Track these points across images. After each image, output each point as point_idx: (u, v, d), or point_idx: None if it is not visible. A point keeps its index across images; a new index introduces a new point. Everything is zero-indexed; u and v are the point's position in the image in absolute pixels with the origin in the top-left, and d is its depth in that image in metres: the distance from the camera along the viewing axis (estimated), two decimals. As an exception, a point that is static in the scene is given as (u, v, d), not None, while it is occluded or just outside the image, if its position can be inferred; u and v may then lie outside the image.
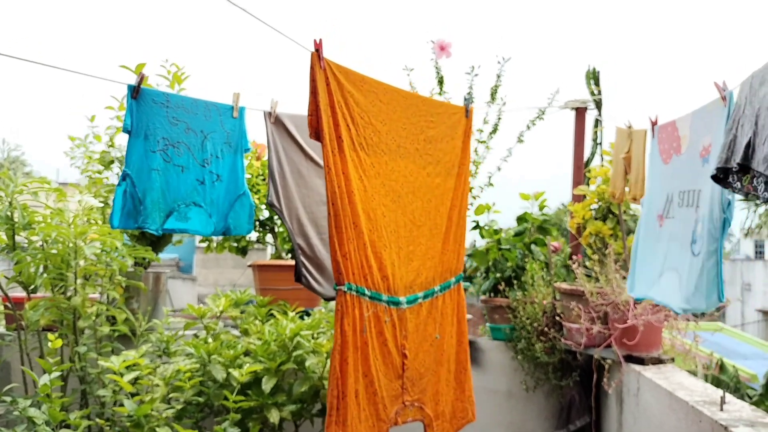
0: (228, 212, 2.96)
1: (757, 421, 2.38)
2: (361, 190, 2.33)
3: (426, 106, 2.71)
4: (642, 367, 3.38)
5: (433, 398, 2.65)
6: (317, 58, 2.20)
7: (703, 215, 2.44)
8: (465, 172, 2.86)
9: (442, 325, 2.74)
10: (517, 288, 4.22)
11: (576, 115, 4.41)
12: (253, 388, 2.97)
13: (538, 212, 4.47)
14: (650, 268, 2.91)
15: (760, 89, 1.92)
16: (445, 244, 2.76)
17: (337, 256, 2.23)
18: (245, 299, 3.81)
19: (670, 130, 2.81)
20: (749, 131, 1.91)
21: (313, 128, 2.22)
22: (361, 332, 2.28)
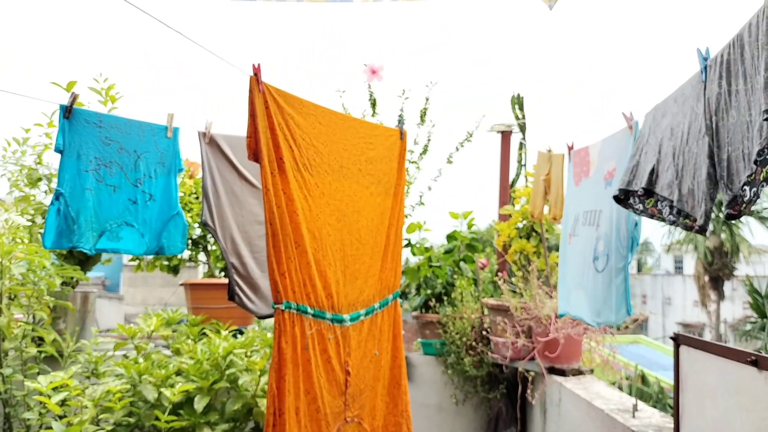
0: (161, 232, 2.97)
1: (664, 427, 2.56)
2: (306, 210, 2.37)
3: (364, 128, 2.80)
4: (563, 378, 3.55)
5: (370, 413, 2.72)
6: (256, 82, 2.25)
7: (605, 234, 2.64)
8: (401, 192, 2.97)
9: (380, 341, 2.81)
10: (447, 304, 4.37)
11: (502, 138, 4.62)
12: (185, 407, 2.96)
13: (466, 230, 4.64)
14: (565, 285, 3.11)
15: (662, 121, 2.11)
16: (384, 261, 2.85)
17: (275, 275, 2.26)
18: (177, 318, 3.78)
19: (583, 155, 3.02)
20: (653, 159, 2.10)
21: (251, 150, 2.25)
22: (303, 349, 2.31)
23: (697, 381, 1.78)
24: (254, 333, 3.50)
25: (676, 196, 1.90)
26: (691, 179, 1.81)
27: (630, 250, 2.51)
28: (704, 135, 1.73)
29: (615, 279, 2.54)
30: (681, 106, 1.98)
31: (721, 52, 1.72)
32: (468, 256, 4.55)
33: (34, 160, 3.60)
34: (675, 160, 1.94)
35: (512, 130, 4.63)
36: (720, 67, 1.71)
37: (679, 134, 1.94)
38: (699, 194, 1.74)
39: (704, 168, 1.71)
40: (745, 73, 1.57)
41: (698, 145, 1.78)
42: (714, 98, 1.72)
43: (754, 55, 1.52)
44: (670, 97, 2.11)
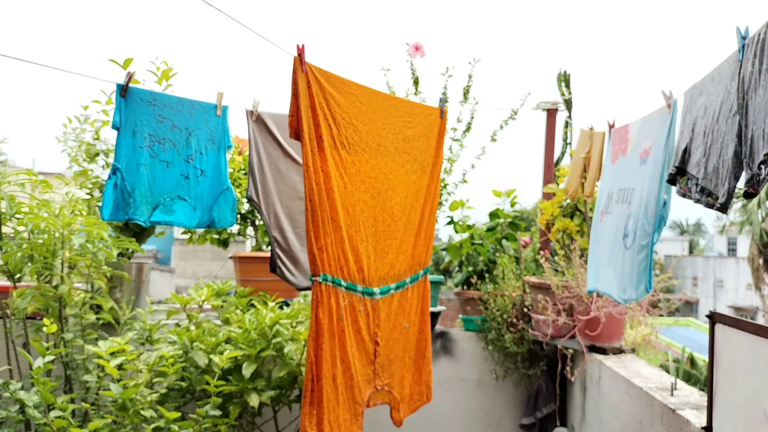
0: (212, 206, 3.08)
1: (701, 404, 2.57)
2: (341, 187, 2.45)
3: (403, 107, 2.85)
4: (604, 356, 3.57)
5: (399, 383, 2.81)
6: (299, 63, 2.32)
7: (636, 211, 2.63)
8: (437, 170, 3.01)
9: (409, 314, 2.90)
10: (488, 281, 4.40)
11: (547, 116, 4.59)
12: (234, 373, 3.10)
13: (509, 208, 4.65)
14: (596, 262, 3.11)
15: (698, 99, 2.11)
16: (417, 238, 2.91)
17: (314, 248, 2.35)
18: (226, 290, 3.93)
19: (622, 133, 3.01)
20: (687, 137, 2.10)
21: (293, 128, 2.33)
22: (338, 320, 2.41)
23: (731, 358, 1.79)
24: (299, 305, 3.62)
25: (702, 174, 1.91)
26: (717, 157, 1.81)
27: (657, 229, 2.50)
28: (735, 114, 1.73)
29: (638, 255, 2.54)
30: (716, 85, 1.97)
31: (759, 31, 1.71)
32: (510, 234, 4.57)
33: (92, 136, 3.78)
34: (705, 138, 1.94)
35: (558, 108, 4.60)
36: (756, 46, 1.70)
37: (712, 113, 1.93)
38: (723, 172, 1.74)
39: (731, 146, 1.71)
40: None
41: (728, 123, 1.78)
42: (747, 77, 1.71)
43: None
44: (708, 76, 2.10)
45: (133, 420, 2.71)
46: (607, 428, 3.34)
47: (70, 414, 2.62)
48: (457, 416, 4.38)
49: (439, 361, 4.41)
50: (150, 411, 2.71)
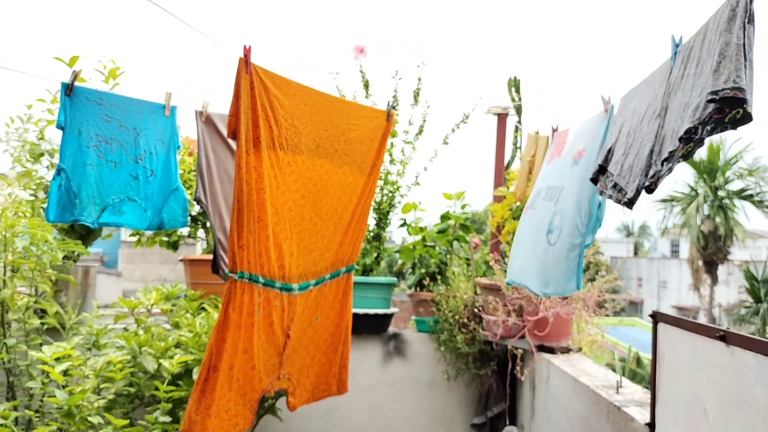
0: (162, 206, 3.04)
1: (645, 401, 2.65)
2: (274, 187, 2.49)
3: (349, 109, 2.88)
4: (552, 355, 3.65)
5: (299, 371, 2.87)
6: (244, 63, 2.34)
7: (563, 209, 2.71)
8: (376, 171, 3.04)
9: (323, 308, 2.94)
10: (440, 282, 4.45)
11: (498, 120, 4.67)
12: (184, 378, 3.06)
13: (460, 211, 4.71)
14: (516, 255, 3.18)
15: (631, 103, 2.21)
16: (345, 236, 2.94)
17: (234, 247, 2.42)
18: (176, 293, 3.87)
19: (562, 137, 3.10)
20: (614, 139, 2.21)
21: (231, 128, 2.37)
22: (249, 314, 2.48)
23: (673, 355, 1.86)
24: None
25: (617, 171, 2.00)
26: (634, 156, 1.90)
27: (591, 230, 2.57)
28: (657, 116, 1.82)
29: (569, 253, 2.61)
30: (647, 90, 2.06)
31: (690, 39, 1.80)
32: (461, 236, 4.63)
33: (36, 135, 3.67)
34: (628, 139, 2.04)
35: (508, 112, 4.69)
36: (684, 53, 1.79)
37: (638, 115, 2.03)
38: (636, 170, 1.83)
39: (648, 146, 1.80)
40: (700, 58, 1.65)
41: (650, 125, 1.86)
42: (673, 81, 1.80)
43: (712, 41, 1.59)
44: (643, 82, 2.20)
45: (79, 427, 2.64)
46: (556, 426, 3.42)
47: (12, 422, 2.55)
48: (409, 417, 4.41)
49: (392, 362, 4.44)
50: (97, 418, 2.64)
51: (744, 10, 1.49)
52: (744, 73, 1.42)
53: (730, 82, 1.42)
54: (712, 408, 1.61)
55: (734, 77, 1.42)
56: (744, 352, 1.42)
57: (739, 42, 1.47)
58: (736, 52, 1.46)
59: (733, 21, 1.52)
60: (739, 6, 1.51)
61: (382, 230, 4.70)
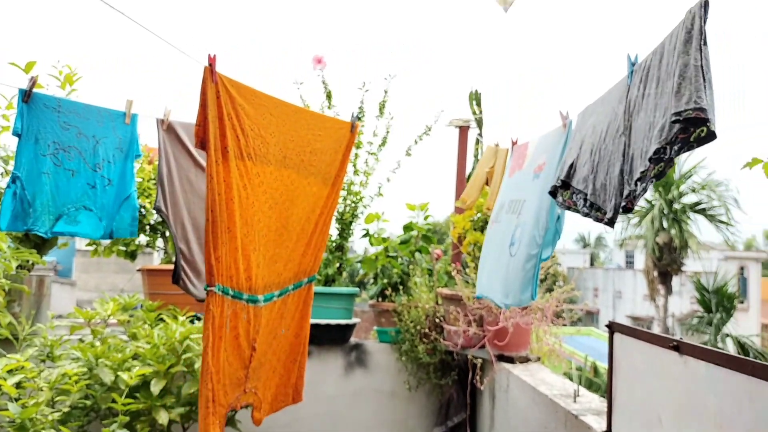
0: (115, 215, 2.99)
1: (601, 410, 2.71)
2: (243, 198, 2.47)
3: (314, 120, 2.88)
4: (512, 365, 3.70)
5: (265, 384, 2.85)
6: (210, 72, 2.32)
7: (524, 222, 2.78)
8: (339, 181, 3.06)
9: (286, 320, 2.93)
10: (402, 293, 4.47)
11: (459, 133, 4.73)
12: (142, 391, 3.00)
13: (423, 222, 4.74)
14: (484, 268, 3.24)
15: (588, 119, 2.27)
16: (307, 247, 2.94)
17: (212, 259, 2.37)
18: (133, 304, 3.80)
19: (522, 150, 3.17)
20: (574, 154, 2.26)
21: (199, 138, 2.34)
22: (220, 328, 2.44)
23: (628, 365, 1.91)
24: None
25: (590, 190, 2.05)
26: (605, 175, 1.95)
27: (551, 242, 2.63)
28: (621, 134, 1.87)
29: (526, 264, 2.67)
30: (605, 107, 2.13)
31: (646, 58, 1.86)
32: (423, 246, 4.66)
33: (-11, 141, 3.57)
34: (592, 156, 2.09)
35: (470, 125, 4.75)
36: (642, 72, 1.86)
37: (599, 132, 2.09)
38: (610, 189, 1.88)
39: (617, 165, 1.85)
40: (659, 78, 1.71)
41: (614, 143, 1.92)
42: (633, 100, 1.86)
43: (669, 62, 1.65)
44: (599, 99, 2.26)
45: (32, 441, 2.57)
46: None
47: (-40, 437, 2.46)
48: (370, 427, 4.41)
49: (353, 373, 4.43)
50: (51, 431, 2.58)
51: (699, 32, 1.56)
52: (704, 94, 1.48)
53: (692, 103, 1.47)
54: (667, 416, 1.66)
55: (695, 98, 1.48)
56: (696, 362, 1.47)
57: (696, 63, 1.53)
58: (695, 73, 1.52)
59: (689, 43, 1.58)
60: (694, 28, 1.58)
61: (345, 240, 4.70)
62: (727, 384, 1.33)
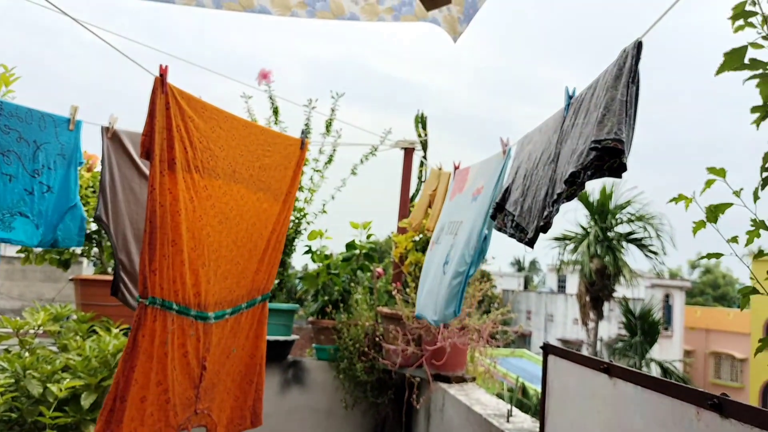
0: (58, 224, 2.92)
1: (534, 430, 2.80)
2: (190, 210, 2.44)
3: (264, 135, 2.88)
4: (448, 385, 3.76)
5: (219, 406, 2.79)
6: (160, 83, 2.31)
7: (459, 241, 2.88)
8: (291, 199, 3.06)
9: (239, 339, 2.89)
10: (343, 311, 4.49)
11: (405, 154, 4.81)
12: (71, 404, 2.91)
13: (366, 240, 4.78)
14: (422, 288, 3.33)
15: (526, 147, 2.39)
16: (260, 264, 2.92)
17: (146, 270, 2.32)
18: (65, 314, 3.68)
19: (464, 174, 3.28)
20: (510, 179, 2.38)
21: (145, 148, 2.31)
22: (162, 344, 2.37)
23: (561, 386, 1.99)
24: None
25: (518, 212, 2.16)
26: (532, 198, 2.06)
27: (476, 261, 2.73)
28: (551, 162, 1.98)
29: (452, 281, 2.76)
30: (542, 136, 2.25)
31: (582, 92, 1.98)
32: (365, 265, 4.70)
33: None
34: (525, 181, 2.21)
35: (415, 147, 4.84)
36: (577, 104, 1.97)
37: (534, 159, 2.21)
38: (534, 212, 1.99)
39: (544, 190, 1.96)
40: (588, 110, 1.83)
41: (545, 170, 2.03)
42: (565, 130, 1.98)
43: (599, 95, 1.77)
44: (537, 128, 2.39)
45: (-50, 456, 2.45)
46: (449, 454, 3.51)
47: None
48: (305, 446, 4.38)
49: (290, 390, 4.41)
50: (-28, 446, 2.47)
51: (629, 70, 1.66)
52: (624, 127, 1.58)
53: (612, 134, 1.58)
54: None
55: (616, 129, 1.58)
56: (625, 384, 1.56)
57: (623, 99, 1.64)
58: (620, 107, 1.62)
59: (619, 79, 1.69)
60: (626, 66, 1.69)
61: (288, 256, 4.70)
62: (653, 406, 1.42)
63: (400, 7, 2.76)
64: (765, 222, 1.51)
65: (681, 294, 31.42)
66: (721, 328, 31.02)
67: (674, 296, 31.32)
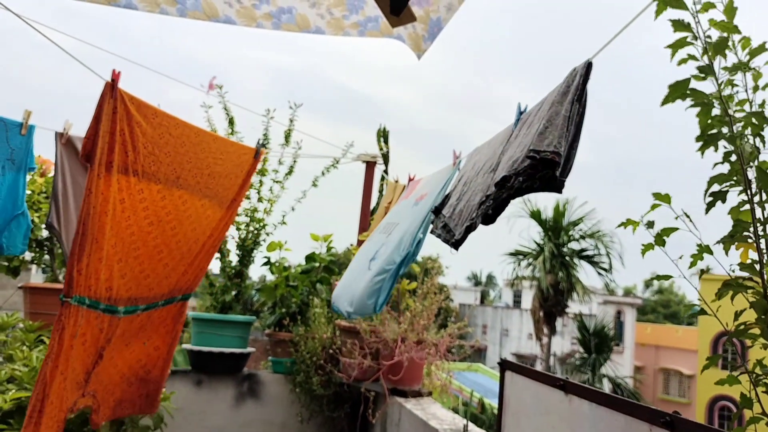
0: (2, 231, 2.83)
1: (489, 445, 2.82)
2: (119, 211, 2.44)
3: (217, 144, 2.88)
4: (404, 399, 3.76)
5: (105, 388, 2.78)
6: (110, 87, 2.31)
7: (391, 241, 2.92)
8: (236, 206, 3.06)
9: (147, 331, 2.89)
10: (300, 323, 4.45)
11: (366, 167, 4.83)
12: (16, 416, 2.81)
13: (326, 253, 4.77)
14: (342, 280, 3.34)
15: (473, 158, 2.45)
16: (189, 267, 2.91)
17: (73, 271, 2.32)
18: (12, 323, 3.56)
19: (414, 184, 3.37)
20: (452, 187, 2.45)
21: (86, 151, 2.31)
22: (71, 336, 2.38)
23: (517, 402, 2.02)
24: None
25: (449, 214, 2.20)
26: (465, 203, 2.11)
27: (406, 262, 2.74)
28: (491, 170, 2.02)
29: (376, 276, 2.77)
30: (489, 148, 2.31)
31: (532, 108, 2.03)
32: (325, 277, 4.68)
33: None
34: (464, 188, 2.26)
35: (376, 160, 4.86)
36: (525, 119, 2.03)
37: (476, 169, 2.27)
38: (465, 215, 2.03)
39: (479, 196, 2.00)
40: (531, 123, 1.87)
41: (483, 178, 2.08)
42: (510, 142, 2.02)
43: (544, 109, 1.81)
44: (487, 141, 2.45)
45: None
46: (404, 468, 3.50)
47: None
48: (258, 460, 4.32)
49: (245, 403, 4.35)
50: None
51: (576, 88, 1.71)
52: (563, 141, 1.62)
53: (551, 146, 1.61)
54: (550, 451, 1.76)
55: (555, 143, 1.62)
56: (580, 401, 1.59)
57: (566, 114, 1.68)
58: (563, 122, 1.66)
59: (565, 95, 1.73)
60: (573, 84, 1.73)
61: (246, 267, 4.64)
62: (607, 423, 1.45)
63: (366, 23, 2.78)
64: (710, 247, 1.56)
65: (632, 311, 32.15)
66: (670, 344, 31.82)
67: (626, 313, 32.02)
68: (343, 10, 2.73)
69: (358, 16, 2.77)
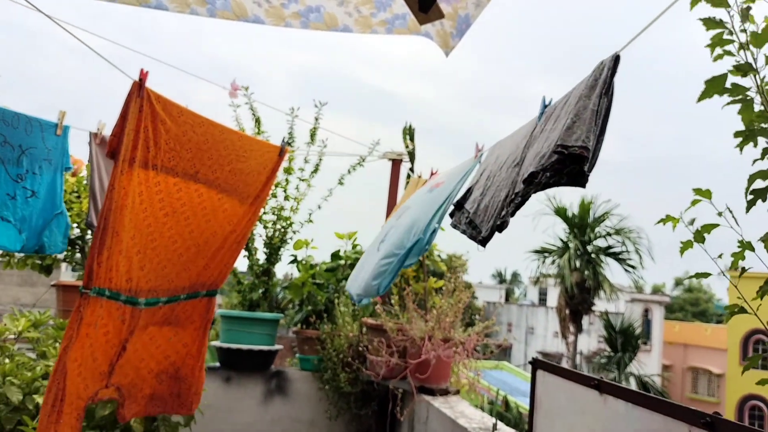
0: (42, 230, 2.88)
1: (518, 443, 2.80)
2: (137, 203, 2.48)
3: (242, 142, 2.91)
4: (432, 397, 3.75)
5: (132, 382, 2.79)
6: (137, 87, 2.35)
7: (401, 224, 2.90)
8: (259, 202, 3.08)
9: (173, 326, 2.91)
10: (327, 321, 4.47)
11: (392, 165, 4.82)
12: (51, 412, 2.86)
13: (351, 250, 4.78)
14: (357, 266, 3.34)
15: (495, 152, 2.42)
16: (210, 261, 2.93)
17: (93, 263, 2.36)
18: (45, 320, 3.63)
19: (435, 177, 3.35)
20: (475, 180, 2.43)
21: (111, 148, 2.35)
22: (88, 325, 2.41)
23: (550, 402, 2.00)
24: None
25: (473, 209, 2.17)
26: (490, 198, 2.08)
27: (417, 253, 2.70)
28: (516, 165, 2.00)
29: (382, 260, 2.75)
30: (512, 141, 2.28)
31: (557, 101, 2.00)
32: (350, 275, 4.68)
33: None
34: (487, 182, 2.23)
35: (402, 158, 4.85)
36: (549, 112, 2.00)
37: (500, 163, 2.24)
38: (491, 211, 2.01)
39: (504, 191, 1.97)
40: (558, 117, 1.85)
41: (508, 172, 2.05)
42: (534, 136, 2.00)
43: (571, 103, 1.79)
44: (510, 135, 2.43)
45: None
46: (432, 466, 3.50)
47: None
48: (286, 457, 4.35)
49: (272, 400, 4.37)
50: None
51: (604, 81, 1.68)
52: (592, 136, 1.59)
53: (579, 141, 1.59)
54: (584, 451, 1.74)
55: (584, 137, 1.59)
56: (616, 401, 1.56)
57: (594, 108, 1.65)
58: (590, 116, 1.64)
59: (593, 89, 1.71)
60: (601, 77, 1.71)
61: (272, 266, 4.67)
62: (644, 423, 1.42)
63: (394, 21, 2.78)
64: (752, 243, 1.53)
65: (660, 309, 31.72)
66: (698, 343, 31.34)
67: (653, 311, 31.62)
68: (371, 8, 2.73)
69: (385, 13, 2.76)
